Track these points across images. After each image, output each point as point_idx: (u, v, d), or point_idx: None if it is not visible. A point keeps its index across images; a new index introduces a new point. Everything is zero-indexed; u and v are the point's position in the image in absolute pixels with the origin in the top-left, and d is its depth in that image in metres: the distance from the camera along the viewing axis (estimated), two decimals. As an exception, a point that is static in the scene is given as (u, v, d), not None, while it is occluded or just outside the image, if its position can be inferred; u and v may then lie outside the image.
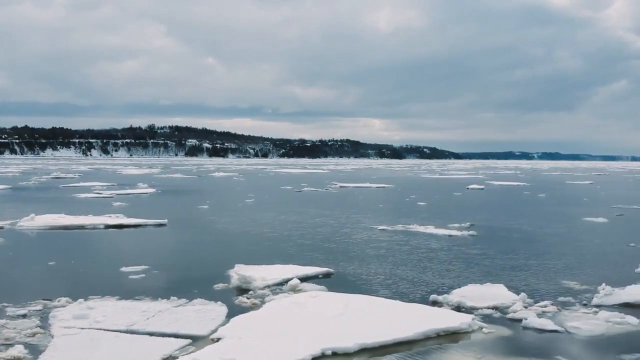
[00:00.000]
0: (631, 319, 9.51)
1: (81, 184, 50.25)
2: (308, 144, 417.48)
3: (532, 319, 9.36)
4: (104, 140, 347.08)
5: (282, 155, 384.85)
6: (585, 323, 9.25)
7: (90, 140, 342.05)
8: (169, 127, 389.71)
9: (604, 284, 11.80)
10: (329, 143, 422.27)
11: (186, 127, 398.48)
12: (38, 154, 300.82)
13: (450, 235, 19.92)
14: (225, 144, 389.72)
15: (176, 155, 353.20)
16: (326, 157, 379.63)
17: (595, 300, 10.81)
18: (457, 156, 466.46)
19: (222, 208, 29.72)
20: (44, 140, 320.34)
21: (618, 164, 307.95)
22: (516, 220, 25.29)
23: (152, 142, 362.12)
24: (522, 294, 10.85)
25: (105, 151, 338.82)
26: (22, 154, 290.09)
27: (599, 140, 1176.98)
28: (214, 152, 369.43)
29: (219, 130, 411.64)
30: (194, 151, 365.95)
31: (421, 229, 21.36)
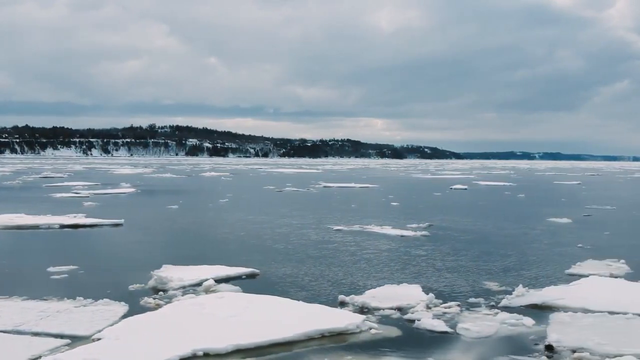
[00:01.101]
0: (527, 321, 9.53)
1: (65, 183, 50.33)
2: (309, 144, 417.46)
3: (425, 320, 9.40)
4: (105, 140, 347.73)
5: (283, 155, 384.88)
6: (477, 324, 9.27)
7: (91, 139, 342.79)
8: (170, 126, 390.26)
9: (520, 285, 11.86)
10: (330, 143, 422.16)
11: (187, 127, 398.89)
12: (39, 153, 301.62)
13: (402, 236, 19.94)
14: (226, 144, 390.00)
15: (177, 154, 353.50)
16: (327, 157, 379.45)
17: (504, 302, 10.82)
18: (458, 156, 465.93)
19: (191, 208, 29.80)
20: (44, 140, 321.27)
21: (617, 164, 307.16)
22: (480, 220, 25.27)
23: (152, 142, 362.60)
24: (430, 295, 10.88)
25: (106, 151, 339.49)
26: (22, 154, 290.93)
27: (601, 140, 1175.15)
28: (214, 152, 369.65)
29: (219, 130, 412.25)
30: (194, 151, 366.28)
31: (377, 229, 21.38)
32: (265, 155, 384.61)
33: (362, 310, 10.16)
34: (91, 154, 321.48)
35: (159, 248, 17.43)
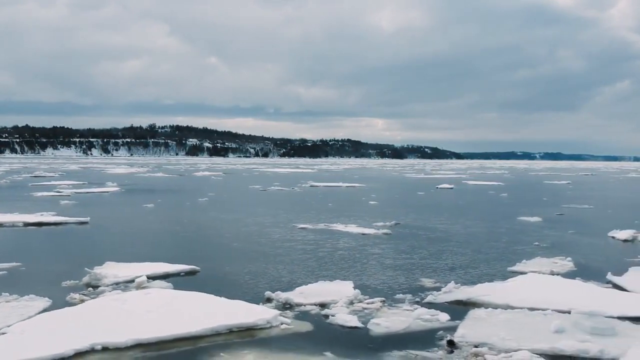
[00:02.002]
0: (443, 316, 9.61)
1: (52, 182, 50.50)
2: (309, 144, 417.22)
3: (340, 315, 9.48)
4: (105, 140, 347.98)
5: (283, 155, 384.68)
6: (390, 320, 9.35)
7: (91, 139, 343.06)
8: (170, 126, 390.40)
9: (452, 282, 11.94)
10: (330, 143, 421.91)
11: (187, 127, 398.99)
12: (38, 153, 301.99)
13: (363, 234, 20.00)
14: (226, 144, 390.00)
15: (177, 154, 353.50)
16: (327, 156, 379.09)
17: (430, 298, 10.89)
18: (459, 156, 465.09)
19: (166, 207, 29.88)
20: (44, 140, 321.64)
21: (616, 164, 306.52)
22: (450, 219, 25.28)
23: (152, 142, 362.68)
24: (357, 291, 10.96)
25: (106, 151, 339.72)
26: (22, 153, 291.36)
27: (602, 140, 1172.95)
28: (214, 152, 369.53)
29: (219, 129, 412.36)
30: (194, 151, 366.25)
31: (341, 227, 21.44)
32: (266, 155, 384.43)
33: (285, 306, 10.25)
34: (91, 154, 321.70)
35: (112, 245, 17.48)
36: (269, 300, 10.64)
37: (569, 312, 9.69)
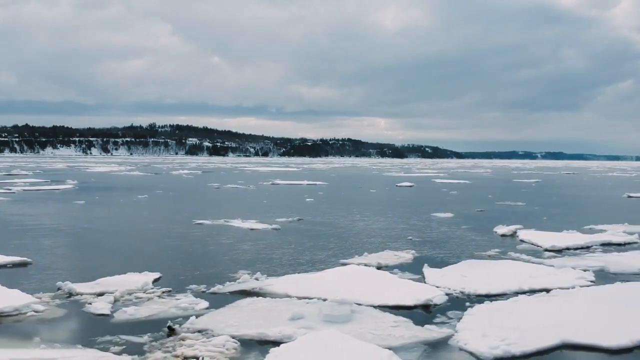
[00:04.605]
0: (202, 305, 9.92)
1: (15, 180, 51.10)
2: (309, 143, 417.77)
3: (96, 304, 9.80)
4: (104, 139, 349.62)
5: (283, 154, 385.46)
6: (141, 308, 9.67)
7: (91, 139, 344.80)
8: (170, 125, 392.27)
9: (258, 272, 12.30)
10: (330, 142, 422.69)
11: (187, 126, 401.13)
12: (38, 152, 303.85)
13: (252, 229, 20.29)
14: (226, 143, 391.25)
15: (177, 154, 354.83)
16: (327, 156, 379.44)
17: (216, 288, 11.23)
18: (460, 155, 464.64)
19: (93, 204, 30.17)
20: (44, 139, 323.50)
21: (610, 163, 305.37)
22: (364, 215, 25.50)
23: (152, 141, 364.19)
24: (147, 282, 11.28)
25: (106, 150, 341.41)
26: (22, 152, 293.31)
27: (604, 140, 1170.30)
28: (214, 151, 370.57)
29: (220, 129, 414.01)
30: (194, 150, 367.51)
31: (238, 223, 21.71)
32: (266, 154, 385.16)
33: (65, 295, 10.57)
34: (91, 153, 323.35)
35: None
36: (59, 289, 10.96)
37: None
